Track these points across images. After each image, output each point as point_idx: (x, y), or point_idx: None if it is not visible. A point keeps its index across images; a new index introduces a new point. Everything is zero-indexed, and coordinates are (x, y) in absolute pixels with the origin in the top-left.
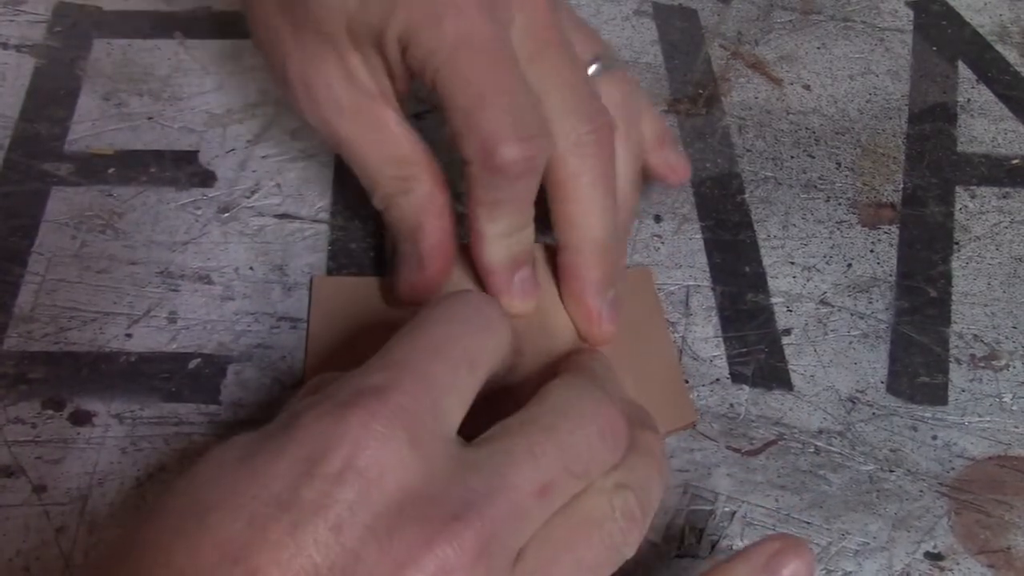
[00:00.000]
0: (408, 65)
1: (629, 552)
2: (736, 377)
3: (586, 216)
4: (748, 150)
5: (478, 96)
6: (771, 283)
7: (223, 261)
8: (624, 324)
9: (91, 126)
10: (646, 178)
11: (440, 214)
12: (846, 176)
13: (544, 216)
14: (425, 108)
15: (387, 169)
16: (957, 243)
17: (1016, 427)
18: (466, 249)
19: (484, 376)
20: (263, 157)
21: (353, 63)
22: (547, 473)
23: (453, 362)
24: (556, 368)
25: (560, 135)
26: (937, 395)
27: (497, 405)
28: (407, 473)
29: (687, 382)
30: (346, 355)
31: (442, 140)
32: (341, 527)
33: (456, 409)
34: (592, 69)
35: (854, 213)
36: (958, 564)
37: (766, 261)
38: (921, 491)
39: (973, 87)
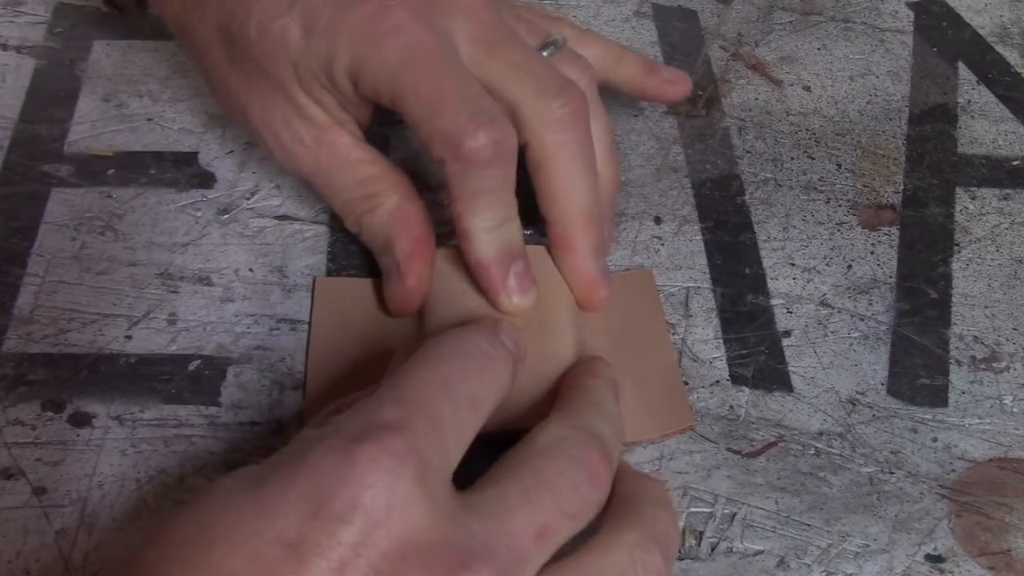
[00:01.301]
0: (363, 95)
1: None
2: (736, 379)
3: (569, 189)
4: (748, 151)
5: (431, 102)
6: (771, 284)
7: (223, 263)
8: (624, 326)
9: (91, 127)
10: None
11: (409, 224)
12: (846, 177)
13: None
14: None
15: (351, 192)
16: (957, 245)
17: (1016, 429)
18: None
19: (485, 417)
20: (263, 159)
21: (302, 102)
22: (543, 516)
23: (457, 401)
24: (559, 386)
25: (533, 117)
26: (937, 397)
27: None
28: (413, 513)
29: (687, 384)
30: (348, 356)
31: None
32: (345, 568)
33: (457, 450)
34: (543, 55)
35: (854, 215)
36: (958, 566)
37: (766, 263)
38: (921, 493)
39: (973, 88)
